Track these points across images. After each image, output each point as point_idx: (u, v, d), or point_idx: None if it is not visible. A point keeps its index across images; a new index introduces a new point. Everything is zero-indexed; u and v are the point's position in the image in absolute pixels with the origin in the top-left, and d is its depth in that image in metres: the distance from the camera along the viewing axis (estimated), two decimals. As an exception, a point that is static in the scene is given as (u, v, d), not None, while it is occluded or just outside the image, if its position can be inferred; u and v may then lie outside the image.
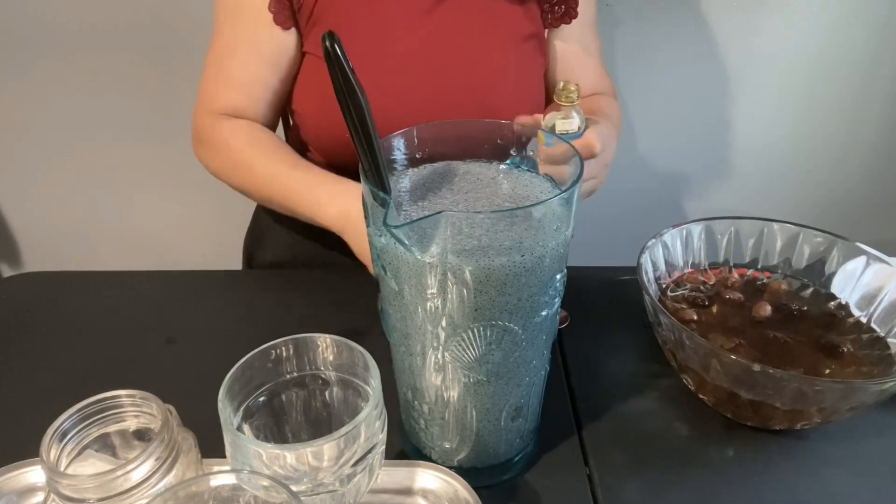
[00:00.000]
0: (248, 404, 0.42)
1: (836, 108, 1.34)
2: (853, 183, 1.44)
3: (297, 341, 0.43)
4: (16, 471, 0.46)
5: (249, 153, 0.75)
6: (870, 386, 0.47)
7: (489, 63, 0.77)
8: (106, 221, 1.52)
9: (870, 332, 0.57)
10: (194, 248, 1.55)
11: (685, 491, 0.51)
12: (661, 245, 0.62)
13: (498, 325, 0.41)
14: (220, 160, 0.77)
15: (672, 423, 0.56)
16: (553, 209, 0.40)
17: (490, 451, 0.50)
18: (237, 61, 0.76)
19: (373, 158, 0.39)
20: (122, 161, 1.42)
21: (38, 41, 1.27)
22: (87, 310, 0.70)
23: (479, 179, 0.47)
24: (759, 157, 1.40)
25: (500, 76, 0.78)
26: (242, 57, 0.76)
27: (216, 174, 0.78)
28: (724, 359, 0.50)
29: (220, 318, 0.70)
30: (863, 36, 1.25)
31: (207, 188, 1.45)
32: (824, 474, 0.52)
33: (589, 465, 0.53)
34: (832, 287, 0.61)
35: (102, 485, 0.37)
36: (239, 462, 0.37)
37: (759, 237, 0.64)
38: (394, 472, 0.47)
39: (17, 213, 1.54)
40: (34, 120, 1.37)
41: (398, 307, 0.43)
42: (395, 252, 0.40)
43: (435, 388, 0.46)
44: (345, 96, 0.38)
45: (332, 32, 0.37)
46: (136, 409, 0.42)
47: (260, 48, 0.75)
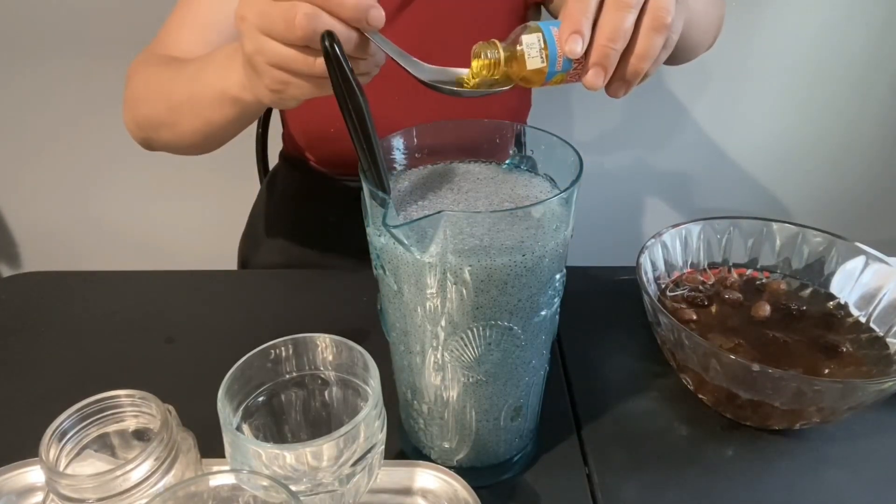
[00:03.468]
0: (248, 404, 0.42)
1: (836, 108, 1.34)
2: (852, 183, 1.44)
3: (296, 341, 0.43)
4: (15, 471, 0.46)
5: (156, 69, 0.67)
6: (869, 385, 0.47)
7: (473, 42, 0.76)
8: (105, 222, 1.52)
9: (869, 332, 0.57)
10: (191, 251, 1.55)
11: (684, 490, 0.51)
12: (661, 245, 0.62)
13: (498, 325, 0.41)
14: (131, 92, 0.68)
15: (671, 423, 0.56)
16: (553, 209, 0.40)
17: (489, 450, 0.50)
18: (198, 6, 0.71)
19: (372, 158, 0.39)
20: (122, 162, 1.42)
21: (38, 41, 1.27)
22: (87, 310, 0.70)
23: (479, 179, 0.47)
24: (759, 157, 1.41)
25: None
26: (205, 3, 0.70)
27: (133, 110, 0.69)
28: (724, 359, 0.50)
29: (220, 318, 0.70)
30: (862, 36, 1.25)
31: (206, 190, 1.46)
32: (823, 474, 0.52)
33: (588, 465, 0.53)
34: (831, 287, 0.61)
35: (102, 485, 0.37)
36: (238, 462, 0.37)
37: (759, 237, 0.64)
38: (393, 471, 0.47)
39: (17, 213, 1.54)
40: (34, 120, 1.38)
41: (397, 307, 0.43)
42: (395, 252, 0.40)
43: (434, 388, 0.46)
44: (344, 96, 0.38)
45: (332, 32, 0.37)
46: (136, 409, 0.42)
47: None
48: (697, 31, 0.62)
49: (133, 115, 0.69)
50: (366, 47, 0.41)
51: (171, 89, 0.62)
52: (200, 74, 0.57)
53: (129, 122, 0.70)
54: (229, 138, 0.66)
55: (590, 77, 0.41)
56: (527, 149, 0.48)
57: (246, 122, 0.60)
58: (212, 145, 0.67)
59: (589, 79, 0.41)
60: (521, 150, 0.48)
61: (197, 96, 0.58)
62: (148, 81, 0.67)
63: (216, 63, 0.55)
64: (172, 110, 0.63)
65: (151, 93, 0.66)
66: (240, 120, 0.58)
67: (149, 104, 0.66)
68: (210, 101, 0.56)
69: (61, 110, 1.36)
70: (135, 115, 0.68)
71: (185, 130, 0.64)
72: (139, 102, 0.68)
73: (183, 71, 0.61)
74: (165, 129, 0.66)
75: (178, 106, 0.62)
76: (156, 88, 0.65)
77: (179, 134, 0.65)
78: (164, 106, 0.64)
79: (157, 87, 0.65)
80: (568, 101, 1.33)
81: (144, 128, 0.68)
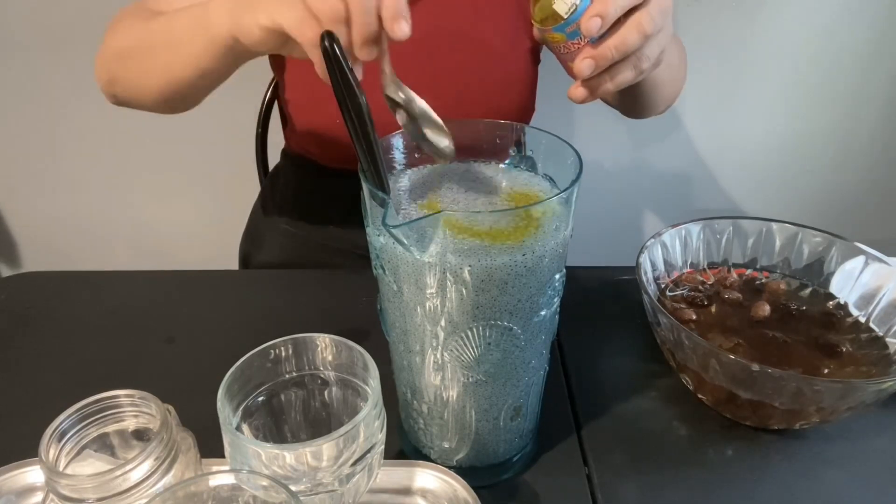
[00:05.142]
0: (248, 404, 0.42)
1: (836, 107, 1.34)
2: (852, 183, 1.44)
3: (296, 341, 0.43)
4: (15, 471, 0.46)
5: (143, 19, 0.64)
6: (868, 385, 0.47)
7: (479, 44, 0.75)
8: (105, 222, 1.52)
9: (868, 332, 0.57)
10: (191, 250, 1.55)
11: (684, 490, 0.51)
12: (660, 245, 0.62)
13: (497, 324, 0.41)
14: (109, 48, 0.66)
15: (671, 423, 0.56)
16: (553, 209, 0.40)
17: (489, 450, 0.50)
18: None
19: (372, 158, 0.39)
20: (122, 162, 1.42)
21: (38, 41, 1.27)
22: (87, 310, 0.70)
23: (479, 179, 0.47)
24: (758, 157, 1.41)
25: (490, 56, 0.76)
26: None
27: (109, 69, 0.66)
28: (723, 358, 0.50)
29: (220, 318, 0.70)
30: (862, 36, 1.25)
31: (206, 189, 1.46)
32: (822, 474, 0.52)
33: (588, 465, 0.53)
34: (831, 287, 0.61)
35: (101, 485, 0.37)
36: (238, 462, 0.37)
37: (758, 237, 0.64)
38: (393, 471, 0.47)
39: (17, 213, 1.54)
40: (34, 120, 1.37)
41: (397, 306, 0.43)
42: (394, 252, 0.40)
43: (434, 388, 0.46)
44: (344, 96, 0.38)
45: (332, 32, 0.37)
46: (135, 408, 0.42)
47: None
48: (658, 91, 0.71)
49: (103, 51, 0.66)
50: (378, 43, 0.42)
51: (153, 28, 0.61)
52: (190, 13, 0.56)
53: (98, 63, 0.66)
54: (199, 93, 0.64)
55: (583, 65, 0.46)
56: (527, 149, 0.48)
57: (225, 71, 0.59)
58: (178, 95, 0.64)
59: (581, 65, 0.46)
60: (521, 149, 0.48)
61: (180, 33, 0.57)
62: (131, 26, 0.64)
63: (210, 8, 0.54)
64: (148, 44, 0.61)
65: (130, 31, 0.63)
66: (222, 65, 0.57)
67: (124, 37, 0.64)
68: (194, 38, 0.55)
69: (61, 110, 1.36)
70: (104, 52, 0.65)
71: (155, 67, 0.61)
72: (115, 37, 0.65)
73: (171, 18, 0.59)
74: (134, 63, 0.63)
75: (156, 42, 0.61)
76: (136, 28, 0.63)
77: (148, 71, 0.62)
78: (140, 38, 0.62)
79: (138, 27, 0.63)
80: (568, 100, 1.33)
81: (110, 60, 0.65)
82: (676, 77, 0.75)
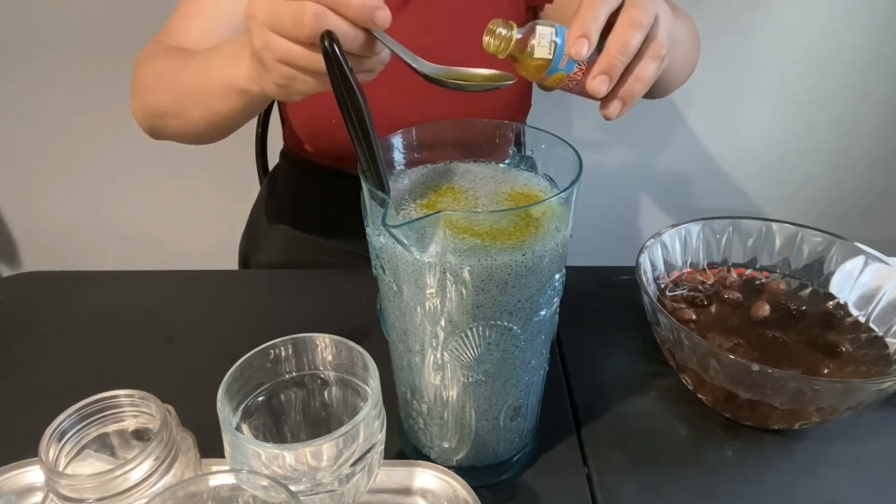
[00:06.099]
0: (247, 404, 0.42)
1: (836, 108, 1.34)
2: (852, 183, 1.44)
3: (296, 341, 0.43)
4: (14, 470, 0.46)
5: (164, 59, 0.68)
6: (868, 385, 0.47)
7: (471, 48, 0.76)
8: (105, 222, 1.52)
9: (868, 332, 0.57)
10: (191, 250, 1.55)
11: (684, 490, 0.51)
12: (660, 245, 0.62)
13: (497, 324, 0.41)
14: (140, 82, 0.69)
15: (671, 423, 0.56)
16: (552, 209, 0.40)
17: (489, 450, 0.50)
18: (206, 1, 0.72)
19: (372, 158, 0.39)
20: (122, 162, 1.42)
21: (38, 40, 1.27)
22: (87, 310, 0.70)
23: (479, 179, 0.47)
24: (758, 157, 1.41)
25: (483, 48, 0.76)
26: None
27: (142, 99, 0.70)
28: (723, 358, 0.50)
29: (220, 318, 0.70)
30: (862, 36, 1.25)
31: (207, 189, 1.46)
32: (822, 474, 0.52)
33: (588, 465, 0.53)
34: (831, 287, 0.61)
35: (101, 485, 0.37)
36: (238, 462, 0.37)
37: (758, 237, 0.64)
38: (393, 471, 0.47)
39: (17, 213, 1.54)
40: (34, 120, 1.38)
41: (397, 306, 0.43)
42: (394, 252, 0.40)
43: (434, 388, 0.46)
44: (344, 96, 0.38)
45: (331, 32, 0.37)
46: (135, 408, 0.42)
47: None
48: (676, 70, 0.70)
49: (141, 104, 0.69)
50: (372, 46, 0.42)
51: (180, 79, 0.63)
52: (208, 65, 0.58)
53: (136, 111, 0.71)
54: (235, 128, 0.67)
55: (596, 83, 0.45)
56: (526, 148, 0.48)
57: (251, 113, 0.62)
58: (218, 135, 0.68)
59: (594, 84, 0.45)
60: (521, 149, 0.48)
61: (204, 87, 0.59)
62: (156, 71, 0.68)
63: (224, 55, 0.56)
64: (180, 99, 0.64)
65: (159, 82, 0.67)
66: (245, 111, 0.59)
67: (157, 93, 0.67)
68: (217, 91, 0.57)
69: (61, 109, 1.36)
70: (142, 105, 0.69)
71: (191, 120, 0.65)
72: (147, 92, 0.68)
73: (191, 61, 0.62)
74: (172, 118, 0.67)
75: (186, 96, 0.63)
76: (164, 78, 0.66)
77: (186, 123, 0.66)
78: (172, 95, 0.65)
79: (165, 76, 0.66)
80: (568, 100, 1.33)
81: (152, 117, 0.69)
82: (691, 50, 0.73)
